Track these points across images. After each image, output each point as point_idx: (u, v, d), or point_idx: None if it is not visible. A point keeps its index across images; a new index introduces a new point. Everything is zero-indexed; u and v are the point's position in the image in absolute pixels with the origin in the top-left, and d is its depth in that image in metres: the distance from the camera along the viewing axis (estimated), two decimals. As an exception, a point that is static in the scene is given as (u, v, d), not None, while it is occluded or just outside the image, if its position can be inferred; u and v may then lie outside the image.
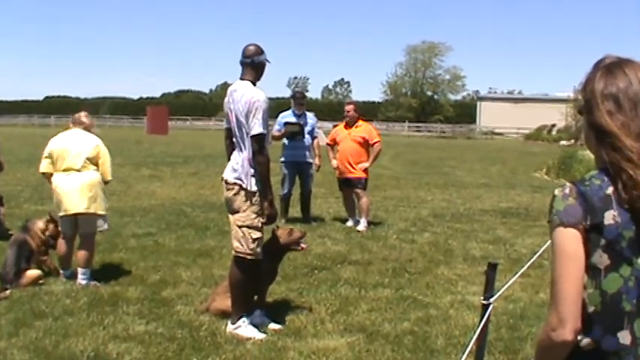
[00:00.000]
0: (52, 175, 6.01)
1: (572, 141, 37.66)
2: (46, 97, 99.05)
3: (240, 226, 4.65)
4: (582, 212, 1.64)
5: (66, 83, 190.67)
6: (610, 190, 1.64)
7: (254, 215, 4.65)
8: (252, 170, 4.61)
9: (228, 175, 4.72)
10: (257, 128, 4.56)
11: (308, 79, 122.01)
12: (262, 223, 4.71)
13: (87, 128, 6.22)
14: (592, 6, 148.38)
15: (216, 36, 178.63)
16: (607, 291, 1.65)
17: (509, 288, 5.10)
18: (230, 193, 4.69)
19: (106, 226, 6.16)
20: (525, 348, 4.49)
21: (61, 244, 6.16)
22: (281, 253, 5.30)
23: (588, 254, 1.64)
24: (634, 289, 1.64)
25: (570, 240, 1.64)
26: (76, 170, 5.91)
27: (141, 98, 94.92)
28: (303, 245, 5.34)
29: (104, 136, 7.46)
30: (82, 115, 6.33)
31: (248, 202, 4.63)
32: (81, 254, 5.97)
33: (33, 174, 14.91)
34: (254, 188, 4.62)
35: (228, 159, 4.84)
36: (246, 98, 4.60)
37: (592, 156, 1.77)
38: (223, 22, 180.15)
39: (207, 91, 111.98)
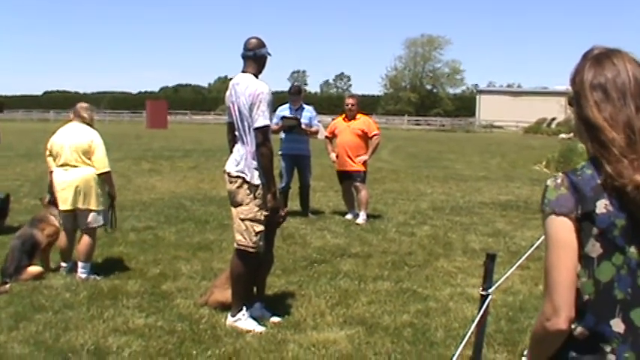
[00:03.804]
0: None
1: (572, 134, 37.59)
2: (45, 92, 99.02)
3: (242, 219, 4.65)
4: (574, 202, 1.65)
5: (65, 78, 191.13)
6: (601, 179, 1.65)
7: (257, 208, 4.65)
8: (254, 163, 4.60)
9: (231, 167, 4.71)
10: (261, 120, 4.55)
11: (305, 71, 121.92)
12: (265, 216, 4.71)
13: (87, 122, 6.14)
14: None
15: (215, 30, 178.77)
16: (600, 280, 1.65)
17: (509, 280, 5.12)
18: (233, 186, 4.68)
19: (101, 222, 6.12)
20: (525, 340, 4.49)
21: (62, 237, 6.17)
22: None
23: (581, 244, 1.65)
24: (626, 277, 1.65)
25: (563, 229, 1.65)
26: (72, 166, 5.91)
27: (140, 93, 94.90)
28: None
29: (104, 131, 7.43)
30: (83, 108, 6.20)
31: (251, 195, 4.63)
32: (81, 248, 5.99)
33: (32, 169, 14.95)
34: (257, 181, 4.62)
35: (231, 152, 4.83)
36: (250, 90, 4.58)
37: None
38: (221, 16, 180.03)
39: (206, 85, 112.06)
